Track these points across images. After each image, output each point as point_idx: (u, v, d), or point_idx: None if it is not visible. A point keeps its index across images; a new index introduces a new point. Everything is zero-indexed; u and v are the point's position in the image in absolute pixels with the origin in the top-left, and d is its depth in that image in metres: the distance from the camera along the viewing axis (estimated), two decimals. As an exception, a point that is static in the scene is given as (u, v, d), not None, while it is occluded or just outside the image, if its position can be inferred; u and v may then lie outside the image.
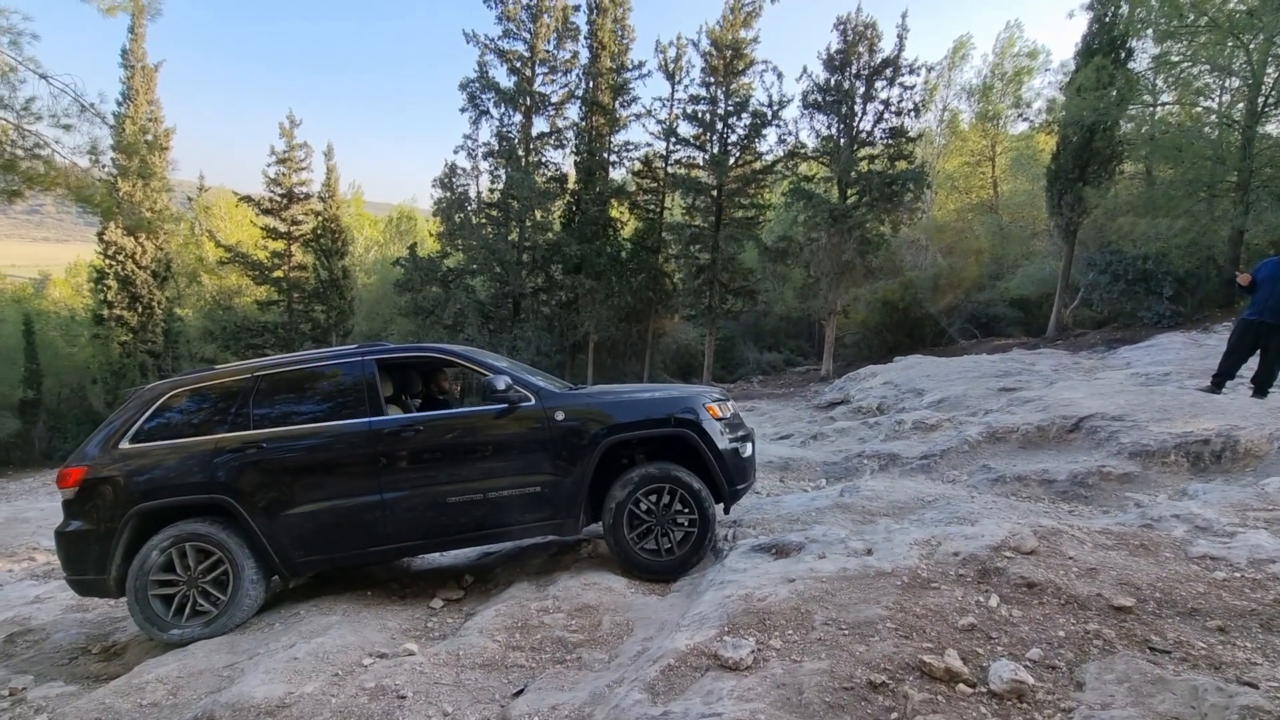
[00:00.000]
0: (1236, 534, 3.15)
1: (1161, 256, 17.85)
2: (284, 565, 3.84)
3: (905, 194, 22.24)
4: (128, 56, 27.59)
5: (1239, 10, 15.67)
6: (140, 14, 10.77)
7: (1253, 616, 2.40)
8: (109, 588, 3.79)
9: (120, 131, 25.94)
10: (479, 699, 2.71)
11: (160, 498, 3.78)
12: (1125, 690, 1.97)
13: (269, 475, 3.81)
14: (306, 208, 30.27)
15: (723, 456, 3.94)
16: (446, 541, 3.99)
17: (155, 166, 27.18)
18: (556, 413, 3.90)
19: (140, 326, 28.43)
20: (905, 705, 2.02)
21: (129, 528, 3.75)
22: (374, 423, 3.88)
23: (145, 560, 3.69)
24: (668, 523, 3.88)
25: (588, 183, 27.31)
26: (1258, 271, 6.26)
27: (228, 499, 3.76)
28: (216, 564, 3.77)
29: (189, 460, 3.83)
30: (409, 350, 4.38)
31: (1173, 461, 5.09)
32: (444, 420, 3.99)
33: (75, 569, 3.86)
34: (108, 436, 3.95)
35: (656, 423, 3.96)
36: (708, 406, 4.05)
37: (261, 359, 4.35)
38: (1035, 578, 2.68)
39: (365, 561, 4.08)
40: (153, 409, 3.99)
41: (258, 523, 3.77)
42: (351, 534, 3.83)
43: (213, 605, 3.74)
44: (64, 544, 3.88)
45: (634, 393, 4.15)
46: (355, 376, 4.00)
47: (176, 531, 3.75)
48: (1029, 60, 29.92)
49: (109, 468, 3.85)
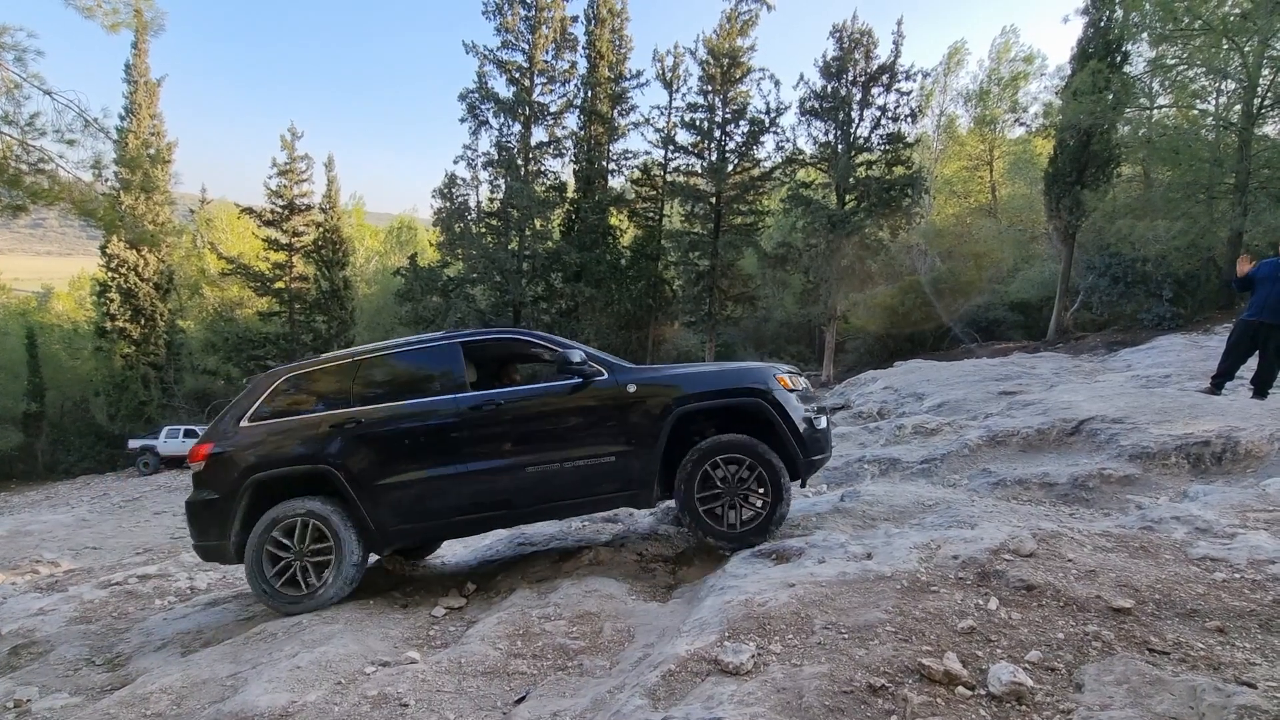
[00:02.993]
0: (1236, 535, 3.16)
1: (1161, 259, 17.88)
2: (378, 532, 4.08)
3: (903, 199, 22.33)
4: (131, 71, 27.86)
5: (1233, 13, 15.76)
6: (143, 30, 10.84)
7: (1252, 617, 2.40)
8: (228, 552, 4.14)
9: (123, 146, 26.11)
10: (481, 706, 2.72)
11: (273, 468, 4.15)
12: (1124, 691, 1.98)
13: (365, 447, 4.10)
14: (308, 219, 30.44)
15: (796, 426, 3.94)
16: (526, 512, 4.14)
17: (158, 180, 27.28)
18: (629, 385, 4.00)
19: (143, 339, 28.56)
20: (904, 708, 2.03)
21: (247, 496, 4.11)
22: (459, 398, 4.13)
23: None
24: (740, 492, 3.89)
25: (587, 191, 27.44)
26: (1257, 271, 6.23)
27: (330, 469, 4.07)
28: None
29: (298, 435, 4.20)
30: (490, 334, 4.62)
31: (1173, 463, 5.09)
32: (523, 395, 4.20)
33: (201, 535, 4.26)
34: (231, 417, 4.36)
35: (728, 393, 4.01)
36: (778, 378, 4.08)
37: (361, 346, 4.67)
38: (1034, 580, 2.68)
39: (451, 533, 4.35)
40: (269, 392, 4.38)
41: (355, 491, 4.05)
42: (439, 503, 4.06)
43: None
44: (192, 512, 4.29)
45: (705, 368, 4.29)
46: (443, 358, 4.29)
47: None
48: (1025, 65, 30.10)
49: (231, 443, 4.26)
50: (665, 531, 5.11)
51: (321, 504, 4.07)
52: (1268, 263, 6.19)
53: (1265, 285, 6.09)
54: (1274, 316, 5.99)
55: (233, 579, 6.48)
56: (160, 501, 17.92)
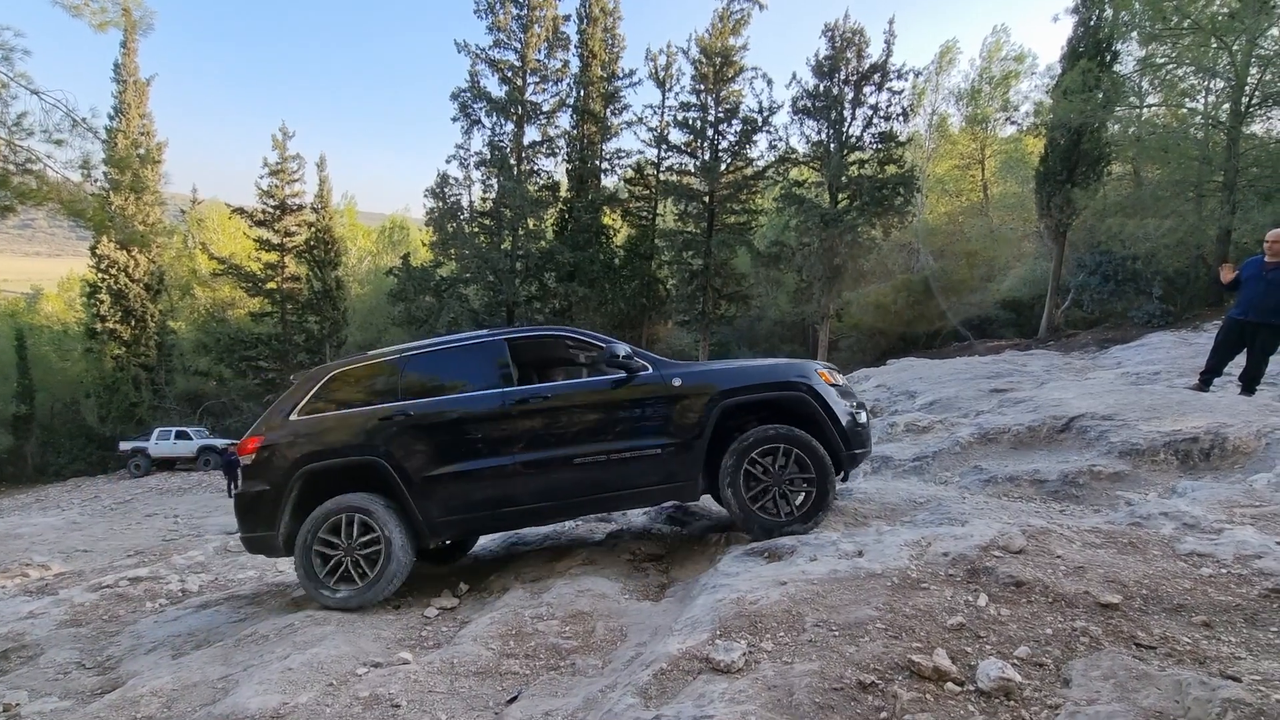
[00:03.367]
0: (1224, 531, 3.18)
1: (1150, 256, 18.00)
2: (425, 523, 4.10)
3: (896, 198, 22.40)
4: (120, 71, 27.64)
5: (1221, 13, 15.88)
6: (132, 29, 10.79)
7: (1237, 611, 2.43)
8: (277, 545, 4.17)
9: (112, 146, 25.98)
10: (473, 706, 2.72)
11: (323, 459, 4.19)
12: (1111, 686, 1.99)
13: (413, 440, 4.14)
14: (299, 219, 30.28)
15: (839, 419, 4.01)
16: (572, 505, 4.16)
17: (148, 180, 27.15)
18: (674, 380, 4.06)
19: (133, 340, 28.36)
20: (894, 705, 2.04)
21: (297, 488, 4.14)
22: (506, 393, 4.18)
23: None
24: (785, 484, 3.92)
25: (580, 190, 27.39)
26: (1243, 270, 6.28)
27: (379, 460, 4.11)
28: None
29: (348, 428, 4.25)
30: (533, 331, 4.67)
31: (1162, 460, 5.12)
32: (569, 389, 4.25)
33: (249, 526, 4.28)
34: (280, 412, 4.40)
35: (771, 386, 4.08)
36: (820, 373, 4.14)
37: (408, 344, 4.70)
38: (1023, 576, 2.70)
39: (498, 525, 4.35)
40: (317, 387, 4.43)
41: (404, 483, 4.08)
42: (486, 496, 4.09)
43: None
44: (241, 504, 4.30)
45: (746, 363, 4.33)
46: (489, 354, 4.35)
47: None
48: (1016, 64, 30.23)
49: (280, 436, 4.29)
50: (658, 530, 5.12)
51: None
52: (1252, 261, 6.23)
53: (1250, 284, 6.13)
54: (1260, 315, 6.04)
55: (224, 581, 6.46)
56: (152, 504, 17.82)
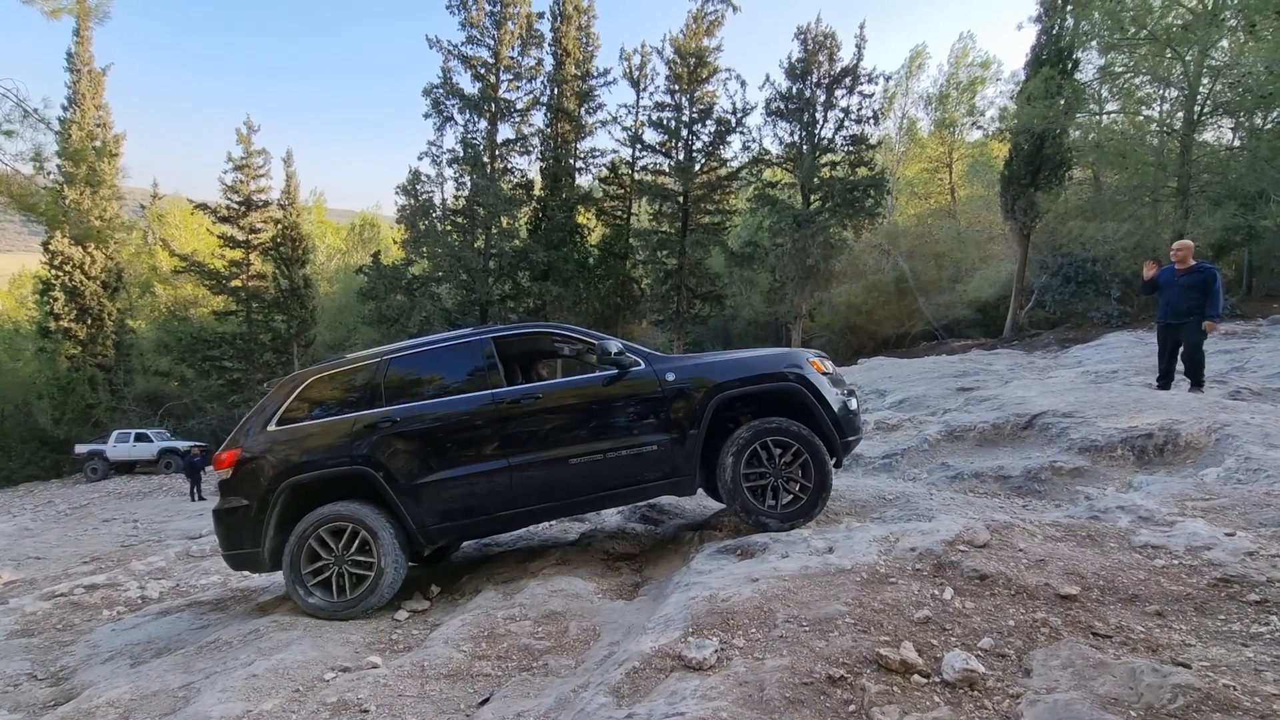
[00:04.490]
0: (1176, 523, 3.30)
1: (1109, 259, 18.58)
2: (419, 532, 4.00)
3: (866, 199, 22.74)
4: (73, 60, 26.62)
5: (1176, 24, 16.46)
6: (85, 16, 10.45)
7: (1188, 601, 2.52)
8: (262, 561, 4.03)
9: (66, 137, 25.10)
10: (444, 710, 2.69)
11: (308, 471, 4.03)
12: (1069, 675, 2.05)
13: (403, 446, 4.03)
14: (265, 215, 29.56)
15: (832, 409, 4.02)
16: (571, 504, 4.12)
17: (104, 173, 26.27)
18: (667, 374, 4.02)
19: (89, 339, 27.37)
20: (863, 697, 2.07)
21: (280, 502, 3.98)
22: (496, 393, 4.08)
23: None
24: (784, 475, 3.94)
25: (554, 189, 27.24)
26: (1160, 277, 6.92)
27: (368, 469, 3.98)
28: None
29: (331, 437, 4.09)
30: (520, 329, 4.58)
31: (1119, 455, 5.29)
32: (562, 387, 4.19)
33: (230, 544, 4.14)
34: (256, 422, 4.22)
35: (766, 378, 4.06)
36: (812, 362, 4.14)
37: (389, 345, 4.55)
38: (987, 570, 2.77)
39: (496, 529, 4.27)
40: (294, 395, 4.26)
41: (395, 492, 3.96)
42: (481, 499, 4.01)
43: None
44: (221, 521, 4.14)
45: (738, 354, 4.30)
46: (475, 354, 4.24)
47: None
48: (982, 70, 30.95)
49: (259, 448, 4.12)
50: (632, 530, 5.12)
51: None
52: (1166, 269, 6.88)
53: (1166, 290, 6.80)
54: (1176, 316, 6.71)
55: (186, 587, 6.28)
56: (110, 509, 17.23)
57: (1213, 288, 6.48)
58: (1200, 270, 6.58)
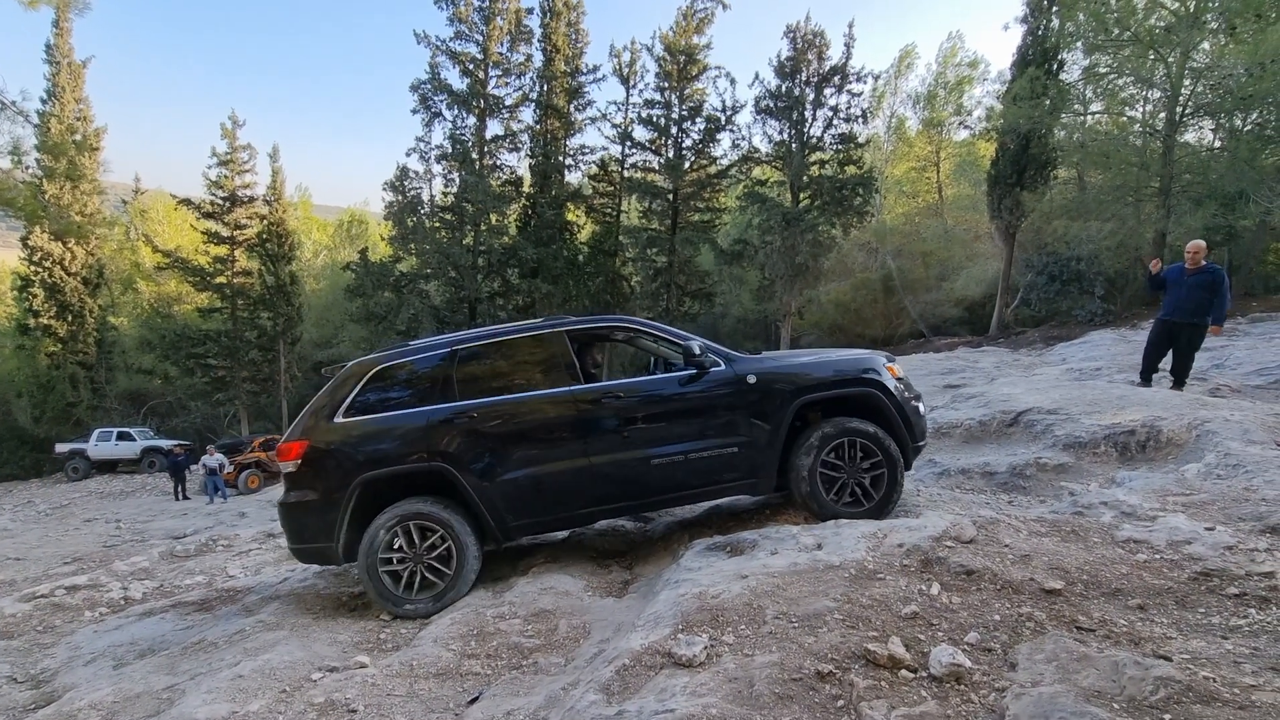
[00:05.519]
0: (1158, 518, 3.35)
1: (1093, 258, 18.80)
2: (498, 529, 3.96)
3: (855, 198, 22.85)
4: (52, 52, 26.16)
5: (1158, 26, 16.66)
6: (65, 7, 10.24)
7: (1169, 594, 2.56)
8: (335, 555, 3.94)
9: (45, 131, 24.68)
10: (433, 709, 2.68)
11: (383, 466, 3.92)
12: (1053, 668, 2.08)
13: (482, 442, 3.94)
14: (251, 211, 29.23)
15: (906, 413, 4.07)
16: (650, 503, 4.11)
17: (85, 168, 25.88)
18: (748, 376, 4.00)
19: (70, 336, 26.98)
20: (851, 693, 2.09)
21: (355, 497, 3.87)
22: (576, 390, 4.02)
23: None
24: (858, 475, 3.97)
25: (543, 186, 27.14)
26: (1167, 275, 6.89)
27: (446, 465, 3.89)
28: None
29: (406, 430, 3.96)
30: (598, 322, 4.47)
31: (1103, 452, 5.36)
32: (644, 386, 4.12)
33: (299, 538, 4.04)
34: (323, 411, 4.05)
35: (845, 382, 4.08)
36: (887, 367, 4.17)
37: (458, 334, 4.41)
38: (974, 565, 2.80)
39: (574, 523, 4.30)
40: (361, 384, 4.09)
41: (474, 488, 3.89)
42: (561, 497, 3.97)
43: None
44: (288, 514, 4.03)
45: (817, 356, 4.31)
46: (549, 347, 4.15)
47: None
48: (970, 70, 31.14)
49: (328, 441, 3.98)
50: (622, 528, 5.12)
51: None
52: (1174, 267, 6.87)
53: (1174, 288, 6.76)
54: (1182, 315, 6.66)
55: (170, 587, 6.21)
56: (91, 508, 17.00)
57: (1221, 289, 6.50)
58: (1210, 271, 6.58)
